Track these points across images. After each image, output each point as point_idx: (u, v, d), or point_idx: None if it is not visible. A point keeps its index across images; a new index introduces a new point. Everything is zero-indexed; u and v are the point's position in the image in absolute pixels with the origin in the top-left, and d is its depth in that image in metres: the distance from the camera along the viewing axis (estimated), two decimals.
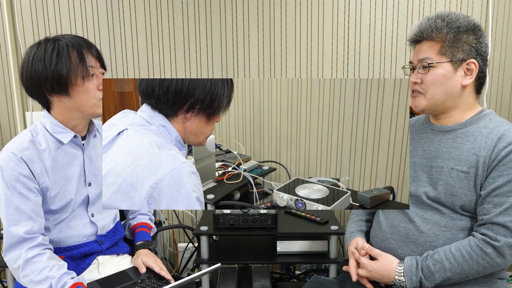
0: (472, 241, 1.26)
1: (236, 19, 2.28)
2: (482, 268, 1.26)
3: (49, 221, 1.40)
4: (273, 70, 2.31)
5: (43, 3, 2.26)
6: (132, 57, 2.32)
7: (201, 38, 2.30)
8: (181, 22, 2.28)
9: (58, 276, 1.27)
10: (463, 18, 1.32)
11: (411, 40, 1.40)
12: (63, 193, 1.40)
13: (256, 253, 1.95)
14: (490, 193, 1.26)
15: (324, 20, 2.27)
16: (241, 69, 2.32)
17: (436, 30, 1.32)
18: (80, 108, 1.38)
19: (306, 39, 2.28)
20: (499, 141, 1.27)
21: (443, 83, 1.32)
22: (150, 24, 2.29)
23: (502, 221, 1.23)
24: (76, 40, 1.36)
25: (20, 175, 1.32)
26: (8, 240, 1.31)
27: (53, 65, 1.32)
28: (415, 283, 1.30)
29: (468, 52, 1.31)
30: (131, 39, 2.30)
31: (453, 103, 1.35)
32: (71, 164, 1.43)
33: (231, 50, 2.30)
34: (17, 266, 1.30)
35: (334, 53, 2.29)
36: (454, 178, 1.31)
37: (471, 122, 1.35)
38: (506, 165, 1.25)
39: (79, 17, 2.28)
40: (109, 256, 1.53)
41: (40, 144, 1.38)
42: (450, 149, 1.35)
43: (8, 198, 1.31)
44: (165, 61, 2.32)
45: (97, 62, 1.39)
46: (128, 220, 1.67)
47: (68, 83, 1.34)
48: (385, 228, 1.43)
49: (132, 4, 2.27)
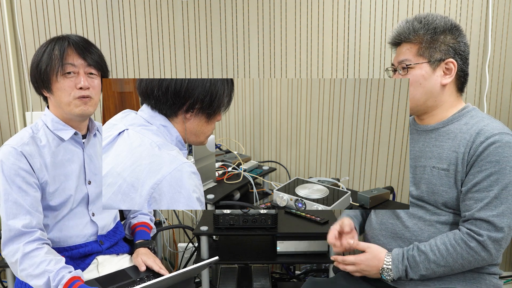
0: (457, 235, 1.29)
1: (236, 19, 2.28)
2: (467, 261, 1.27)
3: (49, 218, 1.40)
4: (273, 70, 2.31)
5: (43, 3, 2.26)
6: (132, 57, 2.32)
7: (201, 38, 2.30)
8: (181, 22, 2.28)
9: (56, 270, 1.27)
10: (440, 19, 1.35)
11: (391, 43, 1.43)
12: (62, 189, 1.41)
13: (256, 253, 1.95)
14: (470, 189, 1.28)
15: (324, 20, 2.27)
16: (241, 69, 2.32)
17: (413, 32, 1.35)
18: (60, 105, 1.40)
19: (306, 39, 2.28)
20: (477, 136, 1.28)
21: (422, 83, 1.35)
22: (150, 24, 2.29)
23: (484, 216, 1.25)
24: (67, 38, 1.39)
25: (20, 169, 1.33)
26: (6, 234, 1.31)
27: (39, 61, 1.38)
28: (401, 271, 1.32)
29: (446, 52, 1.33)
30: (131, 39, 2.30)
31: (434, 103, 1.37)
32: (71, 161, 1.44)
33: (231, 50, 2.30)
34: (15, 260, 1.30)
35: (334, 53, 2.29)
36: (435, 176, 1.34)
37: (452, 119, 1.37)
38: (485, 159, 1.26)
39: (79, 17, 2.28)
40: (109, 256, 1.53)
41: (40, 140, 1.40)
42: (432, 148, 1.37)
43: (7, 192, 1.32)
44: (165, 61, 2.32)
45: (81, 61, 1.38)
46: (129, 219, 1.67)
47: (50, 80, 1.37)
48: (375, 225, 1.48)
49: (132, 4, 2.27)
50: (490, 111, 2.33)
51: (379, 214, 1.48)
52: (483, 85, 2.29)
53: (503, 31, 2.26)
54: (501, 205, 1.24)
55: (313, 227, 1.89)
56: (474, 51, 2.27)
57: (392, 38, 1.41)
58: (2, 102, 2.35)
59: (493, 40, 2.26)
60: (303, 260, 1.89)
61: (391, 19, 2.24)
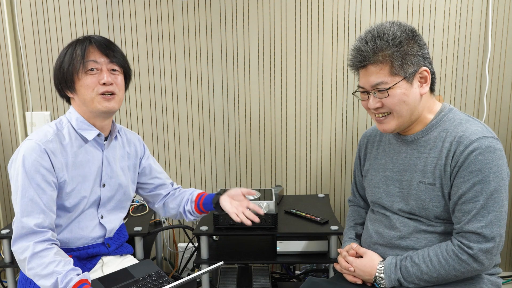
0: (449, 247, 1.27)
1: (236, 19, 2.28)
2: (459, 273, 1.26)
3: (62, 218, 1.40)
4: (273, 70, 2.31)
5: (43, 3, 2.26)
6: (132, 57, 2.32)
7: (201, 38, 2.30)
8: (181, 22, 2.28)
9: (65, 272, 1.27)
10: (399, 30, 1.27)
11: (354, 66, 1.33)
12: (78, 190, 1.41)
13: (256, 253, 1.95)
14: (457, 201, 1.26)
15: (324, 20, 2.27)
16: (241, 69, 2.32)
17: (380, 52, 1.27)
18: (85, 104, 1.40)
19: (306, 39, 2.28)
20: (458, 145, 1.26)
21: (406, 101, 1.29)
22: (150, 24, 2.29)
23: (472, 228, 1.23)
24: (89, 38, 1.40)
25: (41, 166, 1.32)
26: (18, 231, 1.31)
27: (62, 61, 1.39)
28: (394, 281, 1.32)
29: (417, 63, 1.28)
30: (131, 39, 2.30)
31: (417, 115, 1.34)
32: (90, 163, 1.44)
33: (231, 50, 2.30)
34: (24, 258, 1.30)
35: (334, 53, 2.29)
36: (423, 191, 1.32)
37: (431, 127, 1.34)
38: (466, 169, 1.24)
39: (79, 17, 2.28)
40: (113, 257, 1.54)
41: (64, 138, 1.40)
42: (416, 161, 1.35)
43: (25, 188, 1.31)
44: (165, 61, 2.32)
45: (104, 58, 1.39)
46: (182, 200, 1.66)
47: (74, 79, 1.38)
48: (371, 234, 1.47)
49: (132, 4, 2.27)
50: (490, 111, 2.33)
51: (375, 224, 1.47)
52: (483, 85, 2.29)
53: (503, 31, 2.26)
54: (488, 214, 1.22)
55: (313, 227, 1.89)
56: (474, 51, 2.27)
57: (355, 61, 1.31)
58: (2, 102, 2.35)
59: (493, 40, 2.26)
60: (303, 260, 1.88)
61: (391, 19, 2.24)
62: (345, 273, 1.45)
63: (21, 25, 2.28)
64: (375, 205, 1.49)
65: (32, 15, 2.27)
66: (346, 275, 1.44)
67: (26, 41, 2.29)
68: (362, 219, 1.62)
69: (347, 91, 2.32)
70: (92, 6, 2.27)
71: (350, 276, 1.43)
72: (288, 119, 2.36)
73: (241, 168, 2.41)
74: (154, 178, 1.67)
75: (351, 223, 1.63)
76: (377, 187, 1.46)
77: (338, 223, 1.90)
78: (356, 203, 1.69)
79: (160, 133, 2.39)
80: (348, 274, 1.43)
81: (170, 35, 2.30)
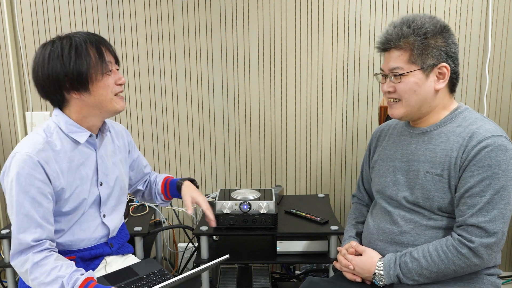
0: (449, 241, 1.28)
1: (236, 19, 2.28)
2: (459, 268, 1.27)
3: (62, 223, 1.38)
4: (273, 70, 2.31)
5: (43, 3, 2.26)
6: (132, 57, 2.32)
7: (201, 38, 2.30)
8: (181, 22, 2.28)
9: (68, 274, 1.26)
10: (429, 22, 1.30)
11: (379, 48, 1.38)
12: (77, 194, 1.39)
13: (256, 253, 1.95)
14: (463, 194, 1.27)
15: (324, 20, 2.27)
16: (241, 69, 2.32)
17: (403, 38, 1.30)
18: (99, 105, 1.37)
19: (306, 39, 2.28)
20: (470, 140, 1.27)
21: (417, 91, 1.31)
22: (150, 24, 2.29)
23: (476, 222, 1.23)
24: (92, 37, 1.37)
25: (36, 179, 1.28)
26: (16, 247, 1.30)
27: (72, 62, 1.31)
28: (393, 277, 1.32)
29: (438, 57, 1.30)
30: (131, 39, 2.30)
31: (428, 108, 1.35)
32: (85, 165, 1.42)
33: (231, 50, 2.30)
34: (25, 270, 1.29)
35: (334, 53, 2.29)
36: (430, 181, 1.32)
37: (445, 122, 1.35)
38: (477, 164, 1.24)
39: (79, 17, 2.28)
40: (115, 256, 1.55)
41: (55, 145, 1.35)
42: (425, 152, 1.35)
43: (20, 204, 1.28)
44: (165, 61, 2.32)
45: (112, 58, 1.40)
46: (151, 184, 1.74)
47: (89, 80, 1.33)
48: (372, 230, 1.47)
49: (132, 4, 2.27)
50: (490, 111, 2.33)
51: (376, 219, 1.47)
52: (483, 85, 2.29)
53: (503, 31, 2.26)
54: (493, 210, 1.23)
55: (313, 227, 1.89)
56: (474, 51, 2.27)
57: (380, 43, 1.36)
58: (2, 102, 2.35)
59: (493, 40, 2.26)
60: (303, 260, 1.89)
61: (391, 19, 2.24)
62: (344, 271, 1.45)
63: (21, 25, 2.28)
64: (380, 195, 1.48)
65: (32, 15, 2.27)
66: (346, 273, 1.45)
67: (26, 41, 2.29)
68: (364, 217, 1.62)
69: (347, 91, 2.32)
70: (92, 6, 2.27)
71: (350, 274, 1.43)
72: (288, 119, 2.36)
73: (241, 168, 2.41)
74: (140, 172, 1.72)
75: (352, 221, 1.63)
76: (384, 176, 1.46)
77: (338, 223, 1.90)
78: (360, 198, 1.69)
79: (160, 133, 2.39)
80: (348, 272, 1.44)
81: (170, 35, 2.30)
